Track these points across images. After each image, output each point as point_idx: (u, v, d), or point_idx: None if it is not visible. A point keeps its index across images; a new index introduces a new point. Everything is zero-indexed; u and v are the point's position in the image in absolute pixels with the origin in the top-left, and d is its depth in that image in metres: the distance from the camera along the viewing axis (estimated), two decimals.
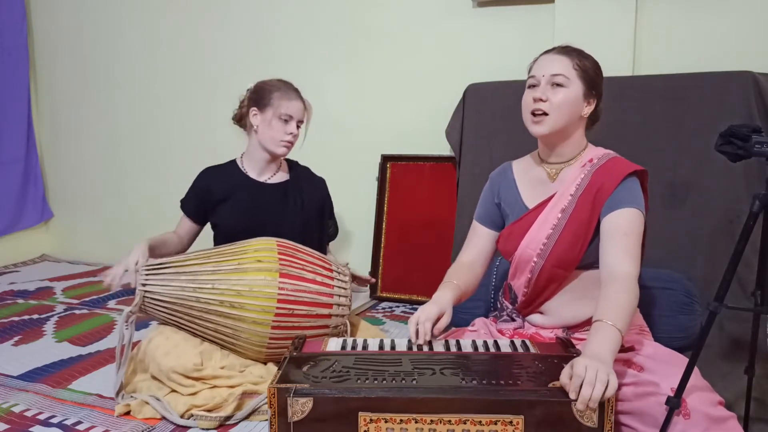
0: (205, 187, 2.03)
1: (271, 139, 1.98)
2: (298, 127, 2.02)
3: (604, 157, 1.53)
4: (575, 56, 1.50)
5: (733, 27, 2.31)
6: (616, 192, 1.45)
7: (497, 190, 1.66)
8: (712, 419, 1.25)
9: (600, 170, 1.49)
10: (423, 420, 1.16)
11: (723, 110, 2.12)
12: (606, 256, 1.40)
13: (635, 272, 1.37)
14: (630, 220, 1.42)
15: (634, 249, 1.39)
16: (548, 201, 1.53)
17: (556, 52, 1.51)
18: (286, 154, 2.03)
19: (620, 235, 1.40)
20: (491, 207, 1.67)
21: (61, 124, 3.73)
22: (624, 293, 1.32)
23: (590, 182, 1.49)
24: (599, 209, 1.46)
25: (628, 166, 1.49)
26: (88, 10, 3.50)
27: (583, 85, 1.49)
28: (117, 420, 1.67)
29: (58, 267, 3.53)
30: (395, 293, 2.83)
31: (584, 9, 2.44)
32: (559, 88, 1.47)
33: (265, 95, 2.00)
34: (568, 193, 1.50)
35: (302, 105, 2.02)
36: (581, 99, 1.50)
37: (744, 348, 1.65)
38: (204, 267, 1.75)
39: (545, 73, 1.48)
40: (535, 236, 1.52)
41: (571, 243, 1.48)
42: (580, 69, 1.49)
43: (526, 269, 1.54)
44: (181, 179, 2.06)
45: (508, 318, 1.64)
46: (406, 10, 2.81)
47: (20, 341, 2.29)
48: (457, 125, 2.59)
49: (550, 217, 1.51)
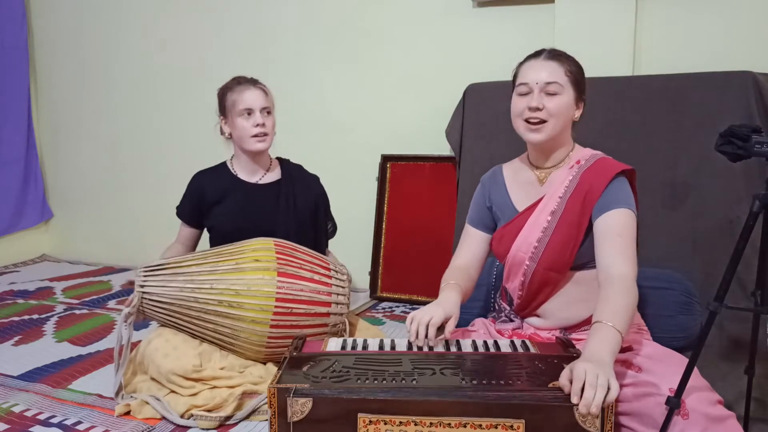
0: (198, 190, 2.01)
1: (241, 138, 1.95)
2: (268, 115, 1.97)
3: (591, 158, 1.53)
4: (566, 62, 1.50)
5: (733, 27, 2.31)
6: (605, 193, 1.45)
7: (488, 193, 1.67)
8: (711, 418, 1.25)
9: (588, 171, 1.50)
10: (422, 422, 1.15)
11: (723, 110, 2.12)
12: (602, 258, 1.40)
13: (632, 273, 1.37)
14: (623, 221, 1.42)
15: (629, 249, 1.39)
16: (537, 204, 1.53)
17: (546, 58, 1.50)
18: (266, 148, 1.98)
19: (614, 237, 1.40)
20: (483, 210, 1.67)
21: (61, 124, 3.73)
22: (623, 295, 1.31)
23: (579, 184, 1.49)
24: (589, 211, 1.46)
25: (615, 166, 1.49)
26: (88, 10, 3.50)
27: (574, 90, 1.49)
28: (117, 420, 1.68)
29: (58, 267, 3.54)
30: (395, 293, 2.83)
31: (584, 9, 2.44)
32: (554, 96, 1.47)
33: (222, 100, 1.99)
34: (557, 196, 1.50)
35: (260, 92, 1.96)
36: (574, 104, 1.51)
37: (744, 348, 1.65)
38: (202, 267, 1.75)
39: (538, 81, 1.47)
40: (526, 239, 1.52)
41: (562, 245, 1.48)
42: (572, 75, 1.49)
43: (519, 272, 1.54)
44: (181, 179, 2.06)
45: (506, 319, 1.64)
46: (406, 10, 2.81)
47: (20, 341, 2.30)
48: (457, 125, 2.58)
49: (540, 219, 1.51)
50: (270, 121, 1.98)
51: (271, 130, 1.98)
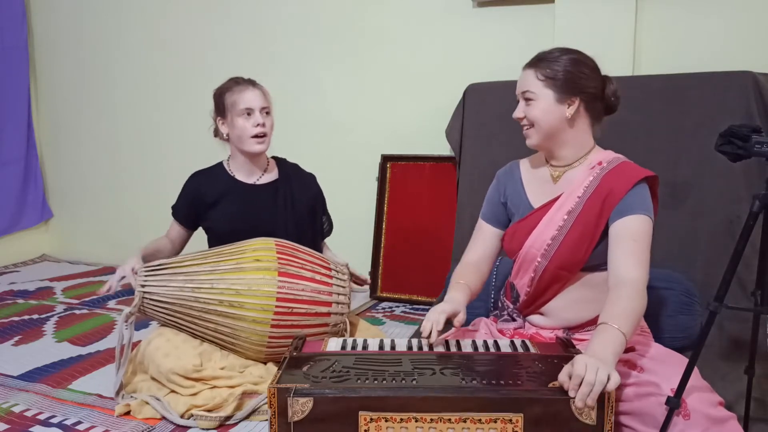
0: (195, 192, 2.00)
1: (241, 139, 1.94)
2: (267, 115, 1.96)
3: (614, 161, 1.52)
4: (541, 66, 1.49)
5: (733, 27, 2.31)
6: (626, 197, 1.44)
7: (503, 188, 1.66)
8: (712, 419, 1.25)
9: (609, 174, 1.49)
10: (423, 419, 1.16)
11: (723, 110, 2.12)
12: (615, 261, 1.40)
13: (644, 278, 1.36)
14: (640, 227, 1.41)
15: (643, 255, 1.39)
16: (554, 201, 1.53)
17: (525, 67, 1.54)
18: (264, 150, 1.97)
19: (630, 241, 1.39)
20: (497, 206, 1.67)
21: (61, 124, 3.73)
22: (632, 299, 1.31)
23: (599, 186, 1.48)
24: (608, 213, 1.45)
25: (639, 172, 1.48)
26: (88, 10, 3.50)
27: (552, 91, 1.48)
28: (117, 420, 1.68)
29: (58, 267, 3.54)
30: (395, 293, 2.83)
31: (584, 9, 2.44)
32: (531, 103, 1.51)
33: (220, 101, 1.98)
34: (576, 195, 1.50)
35: (259, 92, 1.96)
36: (554, 105, 1.48)
37: (744, 348, 1.65)
38: (202, 267, 1.76)
39: (518, 91, 1.54)
40: (540, 236, 1.52)
41: (576, 245, 1.47)
42: (546, 78, 1.48)
43: (530, 269, 1.54)
44: (181, 179, 2.06)
45: (508, 318, 1.64)
46: (406, 9, 2.81)
47: (20, 341, 2.30)
48: (457, 125, 2.59)
49: (556, 218, 1.51)
50: (269, 122, 1.97)
51: (270, 131, 1.98)
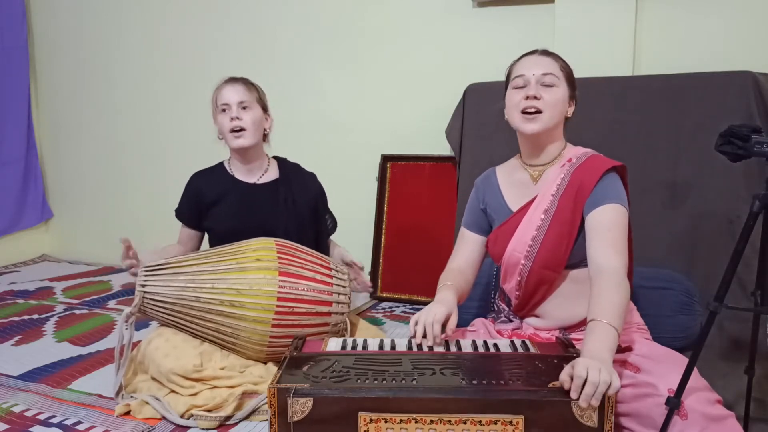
0: (196, 191, 2.01)
1: (223, 135, 1.96)
2: (245, 110, 1.92)
3: (582, 155, 1.55)
4: (559, 59, 1.55)
5: (733, 27, 2.31)
6: (596, 189, 1.47)
7: (482, 195, 1.68)
8: (709, 418, 1.25)
9: (579, 169, 1.51)
10: (423, 420, 1.15)
11: (723, 110, 2.12)
12: (592, 251, 1.41)
13: (623, 266, 1.37)
14: (613, 215, 1.43)
15: (619, 243, 1.40)
16: (531, 203, 1.55)
17: (541, 54, 1.55)
18: (244, 145, 1.92)
19: (604, 230, 1.41)
20: (477, 213, 1.68)
21: (61, 124, 3.73)
22: (614, 289, 1.32)
23: (570, 181, 1.50)
24: (581, 207, 1.48)
25: (605, 163, 1.51)
26: (88, 10, 3.50)
27: (568, 86, 1.54)
28: (117, 420, 1.67)
29: (58, 267, 3.54)
30: (395, 293, 2.83)
31: (584, 9, 2.44)
32: (550, 88, 1.50)
33: (212, 103, 1.99)
34: (549, 194, 1.52)
35: (240, 87, 1.94)
36: (567, 100, 1.54)
37: (744, 348, 1.65)
38: (203, 267, 1.75)
39: (535, 73, 1.50)
40: (521, 238, 1.53)
41: (556, 243, 1.49)
42: (565, 71, 1.54)
43: (515, 272, 1.55)
44: (181, 179, 2.06)
45: (505, 319, 1.64)
46: (405, 10, 2.81)
47: (20, 341, 2.30)
48: (457, 125, 2.58)
49: (534, 218, 1.52)
50: (248, 116, 1.92)
51: (250, 126, 1.92)
